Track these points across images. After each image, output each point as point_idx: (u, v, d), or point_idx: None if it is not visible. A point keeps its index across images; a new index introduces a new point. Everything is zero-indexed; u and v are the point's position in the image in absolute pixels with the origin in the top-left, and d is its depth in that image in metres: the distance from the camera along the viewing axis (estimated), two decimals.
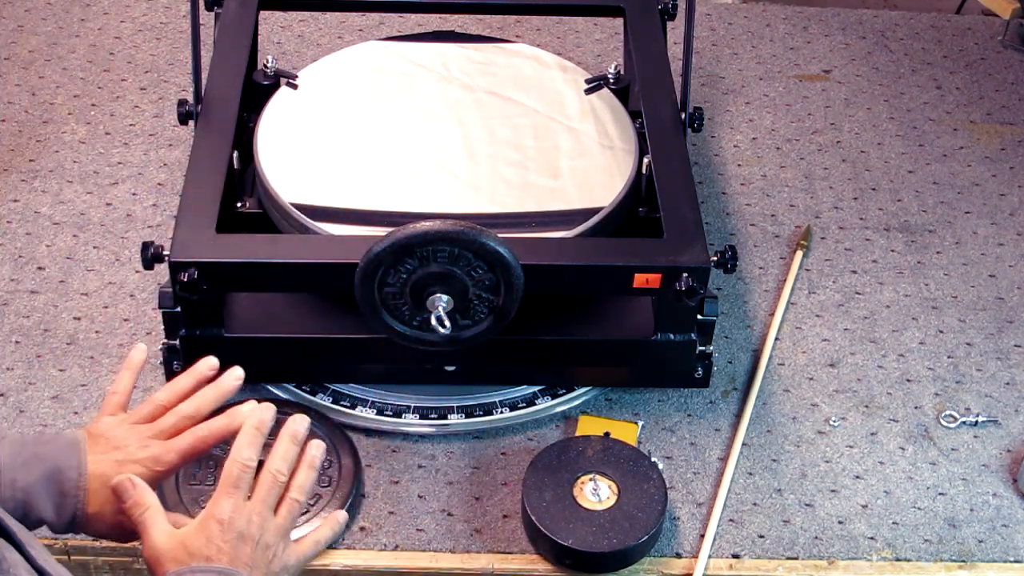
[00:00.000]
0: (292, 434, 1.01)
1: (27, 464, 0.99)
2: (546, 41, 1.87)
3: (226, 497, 0.96)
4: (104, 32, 1.85)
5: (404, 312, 1.25)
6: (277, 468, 0.99)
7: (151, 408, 1.07)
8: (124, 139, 1.67)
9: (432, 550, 1.25)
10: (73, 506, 0.98)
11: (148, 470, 1.01)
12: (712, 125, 1.75)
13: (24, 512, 0.96)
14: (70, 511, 0.98)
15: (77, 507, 0.98)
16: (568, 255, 1.28)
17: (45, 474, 0.98)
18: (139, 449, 1.02)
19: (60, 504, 0.98)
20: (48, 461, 0.98)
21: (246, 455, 0.99)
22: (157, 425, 1.05)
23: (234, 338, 1.31)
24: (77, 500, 0.98)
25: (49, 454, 0.99)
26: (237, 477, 0.97)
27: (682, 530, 1.27)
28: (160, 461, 1.02)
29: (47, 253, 1.51)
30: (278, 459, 0.99)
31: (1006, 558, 1.27)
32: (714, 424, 1.37)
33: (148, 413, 1.06)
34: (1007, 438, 1.38)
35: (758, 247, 1.57)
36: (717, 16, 1.96)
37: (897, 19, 1.98)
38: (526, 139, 1.45)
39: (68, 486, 0.98)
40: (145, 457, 1.02)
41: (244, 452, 0.99)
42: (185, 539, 0.95)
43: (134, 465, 1.01)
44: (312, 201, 1.34)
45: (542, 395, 1.37)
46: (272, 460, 0.99)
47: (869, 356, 1.45)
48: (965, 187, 1.68)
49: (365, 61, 1.55)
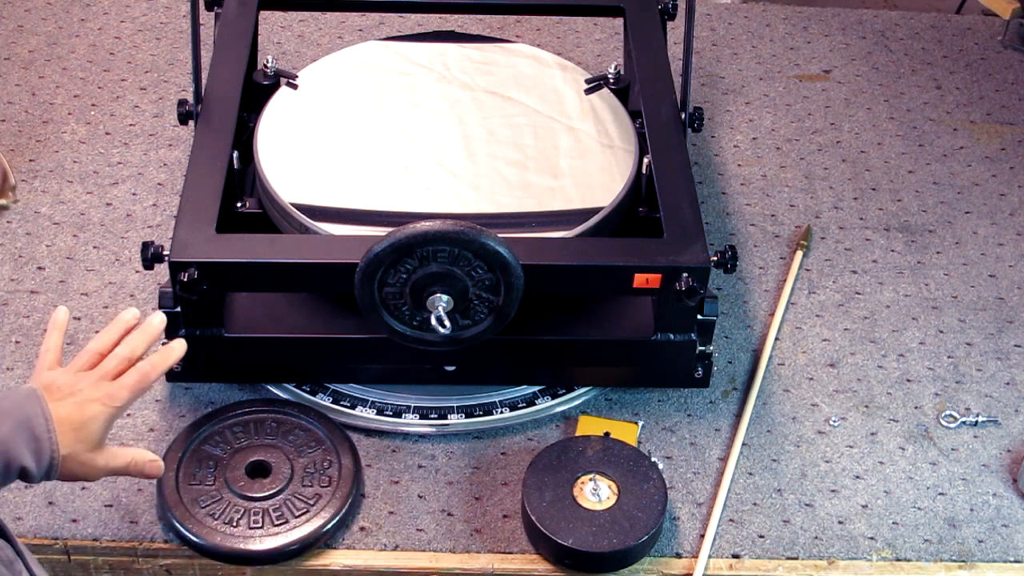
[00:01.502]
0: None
1: None
2: (546, 41, 1.87)
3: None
4: (104, 32, 1.85)
5: (404, 312, 1.25)
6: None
7: (89, 357, 1.12)
8: (124, 139, 1.67)
9: (432, 550, 1.25)
10: (49, 449, 1.02)
11: (106, 407, 1.07)
12: (712, 125, 1.75)
13: (6, 464, 1.00)
14: (47, 454, 1.02)
15: (52, 449, 1.03)
16: (568, 255, 1.28)
17: (15, 425, 1.02)
18: (92, 390, 1.08)
19: (37, 450, 1.02)
20: (14, 413, 1.03)
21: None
22: (100, 368, 1.11)
23: (234, 338, 1.31)
24: (51, 443, 1.03)
25: (13, 408, 1.03)
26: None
27: (682, 530, 1.27)
28: (115, 397, 1.08)
29: (47, 253, 1.51)
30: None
31: (1006, 558, 1.27)
32: (714, 424, 1.37)
33: (87, 362, 1.12)
34: (1007, 438, 1.38)
35: (758, 247, 1.57)
36: (717, 16, 1.96)
37: (897, 19, 1.98)
38: (526, 139, 1.45)
39: (39, 431, 1.02)
40: (101, 395, 1.08)
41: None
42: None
43: (93, 404, 1.07)
44: (312, 201, 1.34)
45: (542, 395, 1.37)
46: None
47: (869, 356, 1.45)
48: (965, 187, 1.68)
49: (365, 61, 1.55)
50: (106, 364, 1.11)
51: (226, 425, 1.30)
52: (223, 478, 1.25)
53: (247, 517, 1.23)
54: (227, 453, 1.28)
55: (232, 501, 1.24)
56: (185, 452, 1.28)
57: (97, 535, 1.24)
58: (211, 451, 1.28)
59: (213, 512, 1.23)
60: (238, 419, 1.31)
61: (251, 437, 1.29)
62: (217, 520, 1.22)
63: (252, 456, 1.27)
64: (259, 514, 1.23)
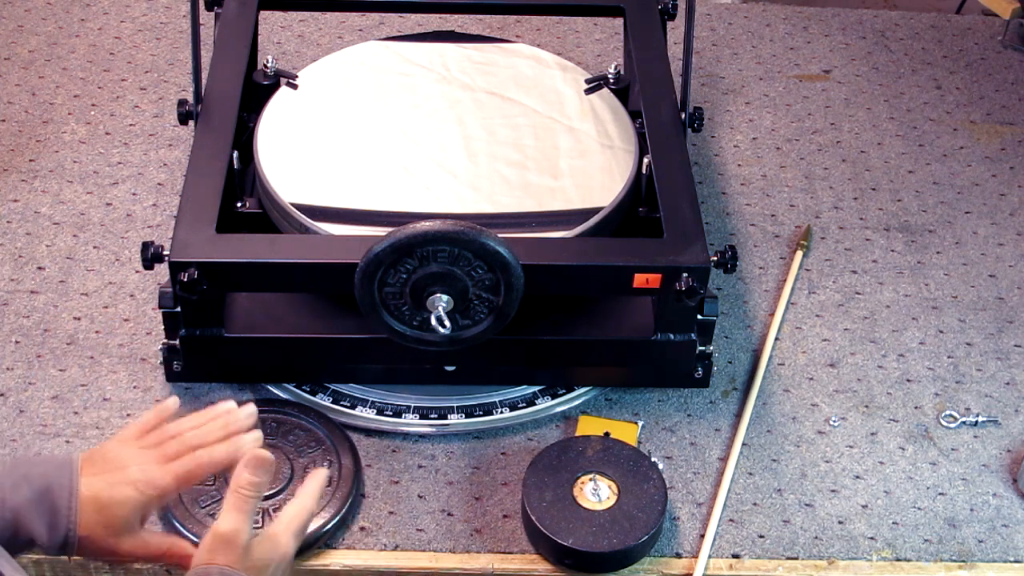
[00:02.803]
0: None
1: (16, 484, 0.98)
2: (546, 41, 1.87)
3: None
4: (104, 32, 1.85)
5: (404, 312, 1.25)
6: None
7: (159, 436, 1.06)
8: (124, 139, 1.67)
9: (432, 550, 1.25)
10: (65, 526, 0.97)
11: (140, 493, 1.01)
12: (712, 125, 1.75)
13: (13, 532, 0.96)
14: (62, 531, 0.97)
15: (69, 527, 0.97)
16: (568, 255, 1.28)
17: (36, 493, 0.97)
18: (137, 471, 1.01)
19: (52, 524, 0.97)
20: (38, 480, 0.98)
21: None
22: (161, 449, 1.05)
23: (234, 338, 1.31)
24: (69, 519, 0.97)
25: (40, 474, 0.98)
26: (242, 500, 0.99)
27: (682, 530, 1.27)
28: (154, 485, 1.01)
29: (47, 253, 1.51)
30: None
31: (1006, 558, 1.27)
32: (714, 424, 1.37)
33: (155, 440, 1.06)
34: (1007, 438, 1.38)
35: (758, 247, 1.57)
36: (717, 16, 1.96)
37: (897, 19, 1.98)
38: (526, 139, 1.45)
39: (59, 504, 0.97)
40: (140, 479, 1.01)
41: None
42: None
43: (126, 487, 1.00)
44: (312, 201, 1.34)
45: (542, 395, 1.37)
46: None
47: (869, 356, 1.45)
48: (965, 187, 1.68)
49: (365, 61, 1.55)
50: (168, 446, 1.04)
51: None
52: (223, 478, 1.25)
53: None
54: None
55: None
56: None
57: None
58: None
59: (213, 512, 1.23)
60: None
61: None
62: None
63: None
64: (259, 514, 1.23)
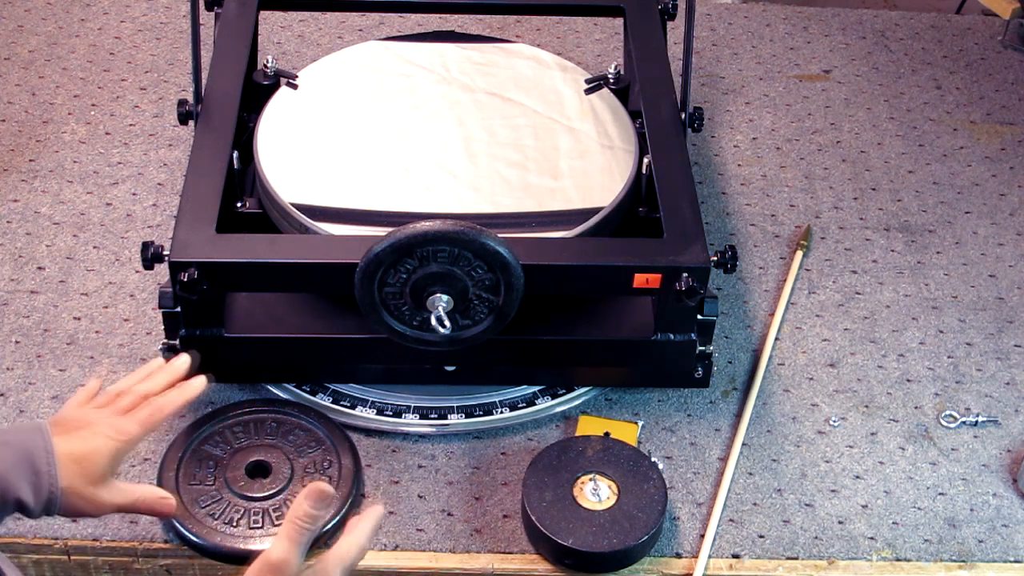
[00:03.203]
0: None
1: None
2: (546, 41, 1.87)
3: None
4: (104, 32, 1.85)
5: (404, 312, 1.25)
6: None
7: (107, 396, 1.12)
8: (124, 139, 1.67)
9: (432, 550, 1.25)
10: (48, 484, 1.02)
11: (112, 440, 1.07)
12: (712, 125, 1.75)
13: (2, 496, 1.00)
14: (46, 488, 1.02)
15: (51, 484, 1.02)
16: (568, 255, 1.28)
17: (16, 457, 1.01)
18: (102, 425, 1.08)
19: (36, 483, 1.01)
20: (16, 446, 1.02)
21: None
22: (116, 404, 1.11)
23: (234, 338, 1.31)
24: (51, 476, 1.02)
25: (16, 440, 1.03)
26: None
27: (682, 530, 1.27)
28: (122, 431, 1.08)
29: (47, 253, 1.51)
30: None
31: (1006, 558, 1.27)
32: (714, 424, 1.37)
33: (105, 400, 1.12)
34: (1007, 438, 1.38)
35: (758, 247, 1.57)
36: (717, 16, 1.96)
37: (897, 19, 1.98)
38: (526, 139, 1.45)
39: (39, 464, 1.02)
40: (109, 429, 1.07)
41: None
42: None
43: (99, 437, 1.06)
44: (312, 201, 1.34)
45: (542, 395, 1.37)
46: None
47: (869, 356, 1.45)
48: (965, 187, 1.68)
49: (365, 61, 1.55)
50: (121, 400, 1.11)
51: (226, 425, 1.30)
52: (223, 478, 1.25)
53: (247, 517, 1.23)
54: (227, 453, 1.28)
55: (232, 501, 1.24)
56: (185, 452, 1.28)
57: (97, 535, 1.24)
58: (211, 451, 1.28)
59: (213, 512, 1.23)
60: (238, 419, 1.31)
61: (251, 437, 1.29)
62: (217, 520, 1.22)
63: (252, 456, 1.28)
64: (259, 514, 1.23)
